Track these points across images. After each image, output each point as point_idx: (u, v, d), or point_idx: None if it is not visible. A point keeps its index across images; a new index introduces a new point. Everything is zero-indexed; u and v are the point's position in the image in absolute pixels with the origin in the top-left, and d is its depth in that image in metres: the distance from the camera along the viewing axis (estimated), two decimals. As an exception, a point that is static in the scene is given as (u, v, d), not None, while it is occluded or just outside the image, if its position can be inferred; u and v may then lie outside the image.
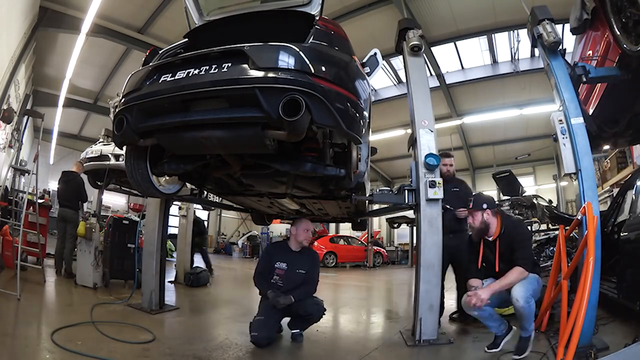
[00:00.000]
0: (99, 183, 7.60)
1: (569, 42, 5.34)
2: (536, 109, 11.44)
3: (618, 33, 2.98)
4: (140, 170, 2.73)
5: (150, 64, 2.43)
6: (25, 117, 7.44)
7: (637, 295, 2.75)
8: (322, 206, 4.18)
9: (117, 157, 6.98)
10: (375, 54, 3.19)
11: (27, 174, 5.62)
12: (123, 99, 2.34)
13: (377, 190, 3.53)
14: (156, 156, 2.78)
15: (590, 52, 3.78)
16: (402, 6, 8.90)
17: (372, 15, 9.75)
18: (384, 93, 13.88)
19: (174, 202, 6.83)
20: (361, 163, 2.66)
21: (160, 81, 2.17)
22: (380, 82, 13.73)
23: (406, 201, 3.38)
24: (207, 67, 2.03)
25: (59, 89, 11.51)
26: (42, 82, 12.15)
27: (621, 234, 3.17)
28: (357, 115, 2.09)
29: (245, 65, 1.95)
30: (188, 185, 3.62)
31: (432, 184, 3.30)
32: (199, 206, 9.66)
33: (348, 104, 2.02)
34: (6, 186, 7.55)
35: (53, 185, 16.88)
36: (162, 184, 3.13)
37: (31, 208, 5.08)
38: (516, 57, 11.53)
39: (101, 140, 7.84)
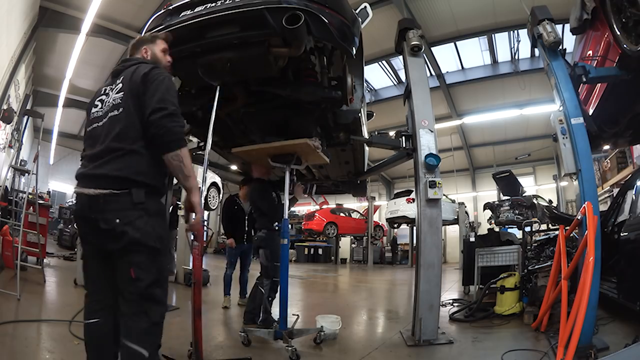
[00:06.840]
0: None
1: (569, 42, 5.34)
2: (536, 109, 11.40)
3: (618, 33, 2.97)
4: None
5: (172, 5, 2.72)
6: (25, 117, 7.45)
7: (637, 295, 2.74)
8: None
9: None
10: (365, 7, 3.48)
11: (27, 174, 5.62)
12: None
13: (376, 132, 3.89)
14: None
15: (590, 52, 3.78)
16: (402, 6, 8.90)
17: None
18: (384, 93, 13.87)
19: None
20: (356, 94, 2.97)
21: (180, 15, 2.53)
22: (380, 82, 13.74)
23: (403, 145, 3.69)
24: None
25: (59, 89, 11.49)
26: (42, 82, 12.13)
27: (621, 234, 3.17)
28: (348, 33, 2.49)
29: None
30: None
31: (432, 184, 3.31)
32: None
33: (340, 24, 2.42)
34: (6, 186, 7.54)
35: (53, 186, 16.91)
36: None
37: (31, 208, 5.08)
38: (516, 57, 11.53)
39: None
